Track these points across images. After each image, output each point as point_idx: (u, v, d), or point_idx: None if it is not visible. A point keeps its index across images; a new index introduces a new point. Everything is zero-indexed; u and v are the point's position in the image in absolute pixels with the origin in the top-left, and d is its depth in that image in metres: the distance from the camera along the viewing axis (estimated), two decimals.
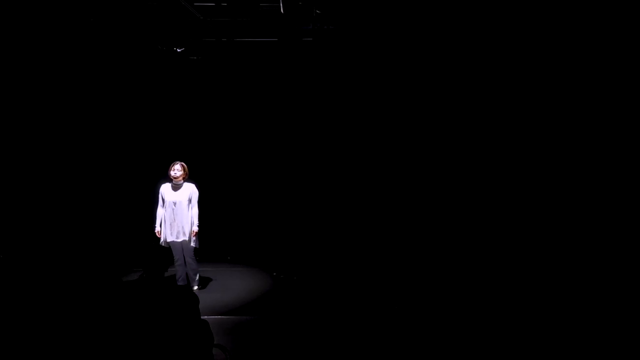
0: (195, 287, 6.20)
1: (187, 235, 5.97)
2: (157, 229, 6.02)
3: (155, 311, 3.08)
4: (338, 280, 6.62)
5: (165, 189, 6.01)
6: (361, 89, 8.17)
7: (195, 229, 6.01)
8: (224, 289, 6.40)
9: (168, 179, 5.99)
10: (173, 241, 5.97)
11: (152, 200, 6.30)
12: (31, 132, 7.02)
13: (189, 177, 6.06)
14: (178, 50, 7.18)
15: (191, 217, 5.98)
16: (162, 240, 6.01)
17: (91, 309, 3.59)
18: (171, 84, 8.30)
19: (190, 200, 5.98)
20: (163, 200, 6.00)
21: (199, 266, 6.32)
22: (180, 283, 6.07)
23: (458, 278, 6.48)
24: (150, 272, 7.08)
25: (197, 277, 6.26)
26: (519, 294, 5.80)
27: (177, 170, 5.93)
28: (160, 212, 6.02)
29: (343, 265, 7.18)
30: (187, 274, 6.16)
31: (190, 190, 6.01)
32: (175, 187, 5.97)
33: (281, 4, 5.93)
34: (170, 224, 5.94)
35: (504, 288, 6.02)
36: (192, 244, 6.04)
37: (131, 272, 6.97)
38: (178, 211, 5.92)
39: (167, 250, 6.15)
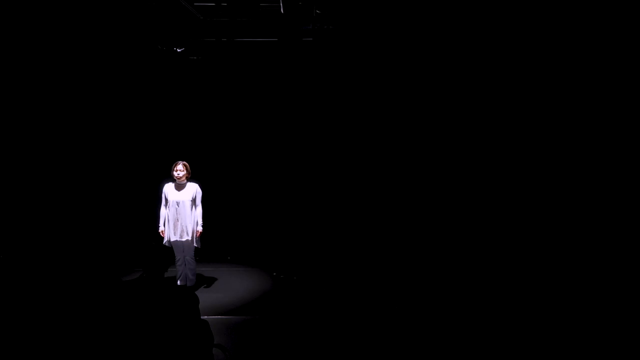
0: (191, 286, 6.19)
1: (191, 235, 5.97)
2: (161, 228, 6.03)
3: (155, 311, 3.08)
4: (338, 280, 6.62)
5: (168, 188, 6.01)
6: (361, 88, 8.16)
7: (200, 229, 6.02)
8: (224, 289, 6.40)
9: (172, 178, 5.99)
10: (176, 241, 5.97)
11: (152, 200, 6.30)
12: (32, 132, 7.02)
13: (191, 177, 6.07)
14: (178, 50, 7.19)
15: (195, 217, 5.99)
16: (165, 239, 6.01)
17: (91, 309, 3.59)
18: (171, 84, 8.30)
19: (194, 200, 5.98)
20: (166, 199, 6.00)
21: (197, 266, 6.32)
22: (180, 283, 6.07)
23: (458, 278, 6.48)
24: (150, 272, 7.09)
25: (194, 277, 6.25)
26: (519, 293, 5.80)
27: (179, 170, 5.92)
28: (163, 211, 6.02)
29: (343, 265, 7.17)
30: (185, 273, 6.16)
31: (193, 190, 6.00)
32: (179, 187, 5.97)
33: (281, 4, 5.94)
34: (174, 224, 5.94)
35: (503, 288, 6.02)
36: (195, 244, 6.04)
37: (131, 272, 6.97)
38: (181, 211, 5.91)
39: (168, 250, 6.13)
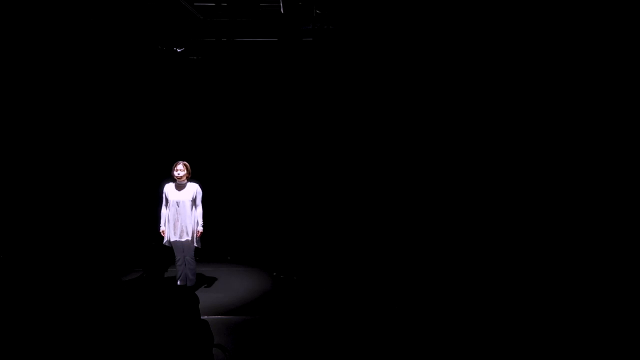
0: (191, 286, 6.20)
1: (191, 235, 5.97)
2: (162, 228, 6.03)
3: (155, 311, 3.08)
4: (338, 280, 6.62)
5: (168, 188, 6.01)
6: (361, 88, 8.17)
7: (200, 229, 6.02)
8: (224, 289, 6.40)
9: (172, 178, 5.99)
10: (176, 241, 5.97)
11: (153, 200, 6.30)
12: (32, 132, 7.02)
13: (192, 177, 6.07)
14: (178, 50, 7.19)
15: (195, 217, 5.99)
16: (165, 239, 6.01)
17: (91, 309, 3.59)
18: (171, 84, 8.30)
19: (194, 200, 5.97)
20: (166, 200, 6.01)
21: (197, 266, 6.33)
22: (180, 282, 6.07)
23: (458, 278, 6.48)
24: (150, 272, 7.09)
25: (194, 277, 6.26)
26: (519, 293, 5.80)
27: (180, 170, 5.92)
28: (164, 211, 6.02)
29: (343, 265, 7.17)
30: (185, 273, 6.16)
31: (194, 190, 6.00)
32: (179, 187, 5.97)
33: (281, 4, 5.95)
34: (174, 224, 5.93)
35: (503, 288, 6.02)
36: (195, 244, 6.05)
37: (131, 272, 6.97)
38: (181, 211, 5.91)
39: (168, 250, 6.13)
